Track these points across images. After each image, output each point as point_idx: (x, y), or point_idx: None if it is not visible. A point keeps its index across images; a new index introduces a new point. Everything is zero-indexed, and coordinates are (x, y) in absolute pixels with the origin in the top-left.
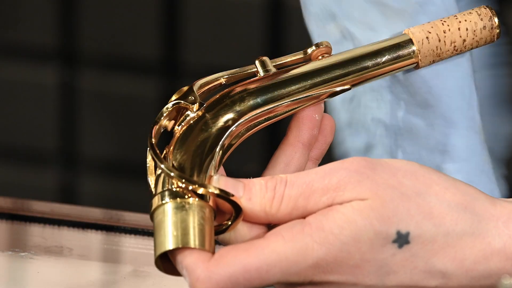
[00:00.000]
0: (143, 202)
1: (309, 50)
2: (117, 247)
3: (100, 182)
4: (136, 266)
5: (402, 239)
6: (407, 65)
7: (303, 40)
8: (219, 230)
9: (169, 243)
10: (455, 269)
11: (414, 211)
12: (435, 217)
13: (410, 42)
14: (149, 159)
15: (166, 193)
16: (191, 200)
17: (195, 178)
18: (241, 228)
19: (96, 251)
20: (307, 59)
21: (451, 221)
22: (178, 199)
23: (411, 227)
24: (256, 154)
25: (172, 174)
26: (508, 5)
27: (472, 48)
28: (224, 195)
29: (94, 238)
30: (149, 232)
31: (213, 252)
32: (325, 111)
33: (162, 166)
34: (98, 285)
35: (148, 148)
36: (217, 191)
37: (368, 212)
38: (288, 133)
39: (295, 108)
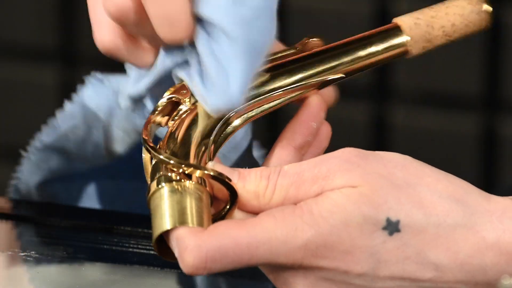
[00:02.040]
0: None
1: (299, 45)
2: (117, 247)
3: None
4: (136, 266)
5: (392, 227)
6: (398, 53)
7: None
8: (216, 218)
9: (167, 224)
10: (448, 262)
11: (405, 200)
12: (426, 207)
13: (399, 29)
14: (144, 154)
15: (162, 178)
16: (187, 183)
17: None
18: (237, 215)
19: (95, 251)
20: (299, 52)
21: (442, 212)
22: (174, 183)
23: (401, 216)
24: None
25: (167, 159)
26: (507, 5)
27: (464, 34)
28: (219, 177)
29: (94, 238)
30: (149, 233)
31: None
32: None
33: (157, 154)
34: (98, 285)
35: (142, 142)
36: (212, 173)
37: (357, 197)
38: (282, 135)
39: (289, 97)
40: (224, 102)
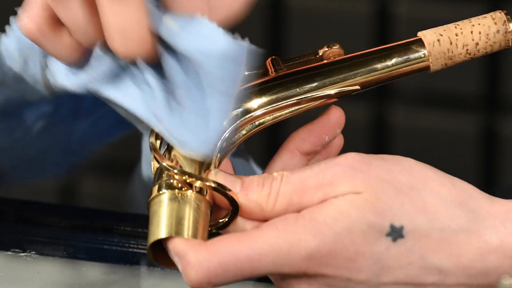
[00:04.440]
0: (143, 202)
1: (321, 51)
2: (117, 247)
3: (100, 182)
4: (136, 266)
5: (396, 233)
6: (418, 68)
7: (303, 39)
8: (217, 226)
9: (162, 232)
10: (451, 266)
11: (408, 206)
12: (430, 212)
13: (421, 44)
14: (152, 157)
15: (164, 184)
16: (188, 192)
17: (193, 172)
18: (239, 223)
19: (96, 251)
20: (319, 60)
21: (446, 217)
22: (175, 190)
23: (405, 221)
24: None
25: (169, 166)
26: (508, 4)
27: (486, 53)
28: (220, 188)
29: (94, 238)
30: None
31: None
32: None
33: (160, 160)
34: (98, 285)
35: (149, 145)
36: (213, 185)
37: (362, 204)
38: (291, 139)
39: (303, 107)
40: (204, 145)
